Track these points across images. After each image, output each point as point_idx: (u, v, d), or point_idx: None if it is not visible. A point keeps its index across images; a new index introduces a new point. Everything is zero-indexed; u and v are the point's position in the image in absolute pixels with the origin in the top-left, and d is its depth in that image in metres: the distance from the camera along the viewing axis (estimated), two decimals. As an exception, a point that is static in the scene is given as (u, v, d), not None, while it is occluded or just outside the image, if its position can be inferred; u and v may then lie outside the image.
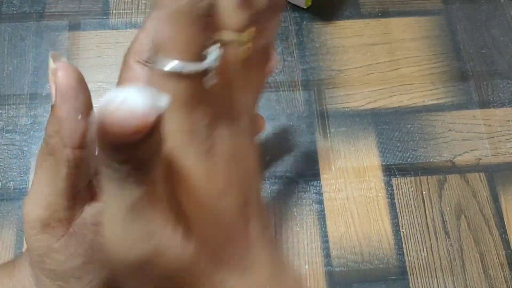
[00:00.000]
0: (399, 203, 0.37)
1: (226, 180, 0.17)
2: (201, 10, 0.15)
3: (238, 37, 0.17)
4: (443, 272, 0.35)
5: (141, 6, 0.42)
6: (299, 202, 0.36)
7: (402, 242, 0.36)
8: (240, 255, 0.18)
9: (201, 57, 0.16)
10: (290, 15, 0.43)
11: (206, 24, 0.16)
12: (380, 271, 0.35)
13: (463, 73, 0.41)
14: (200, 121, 0.16)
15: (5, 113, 0.38)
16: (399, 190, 0.37)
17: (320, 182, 0.37)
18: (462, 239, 0.36)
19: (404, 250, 0.35)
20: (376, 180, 0.37)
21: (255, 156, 0.20)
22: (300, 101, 0.40)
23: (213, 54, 0.16)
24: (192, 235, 0.16)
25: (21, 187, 0.36)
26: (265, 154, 0.38)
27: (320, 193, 0.37)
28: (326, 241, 0.35)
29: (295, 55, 0.41)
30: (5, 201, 0.35)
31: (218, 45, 0.16)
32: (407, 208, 0.37)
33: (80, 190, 0.20)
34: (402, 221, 0.36)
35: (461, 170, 0.38)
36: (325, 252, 0.35)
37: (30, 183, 0.23)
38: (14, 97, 0.39)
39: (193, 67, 0.16)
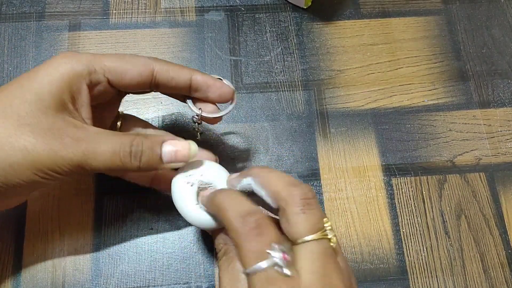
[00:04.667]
0: (399, 203, 0.37)
1: None
2: None
3: None
4: (443, 272, 0.35)
5: (141, 6, 0.42)
6: (299, 202, 0.36)
7: (402, 242, 0.36)
8: None
9: None
10: (290, 15, 0.43)
11: None
12: (380, 271, 0.35)
13: (463, 73, 0.41)
14: None
15: (5, 113, 0.38)
16: (399, 190, 0.37)
17: (320, 182, 0.37)
18: (462, 239, 0.36)
19: (404, 250, 0.35)
20: (376, 180, 0.37)
21: None
22: (300, 101, 0.40)
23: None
24: None
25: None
26: (266, 154, 0.38)
27: (320, 193, 0.37)
28: (326, 241, 0.35)
29: (295, 55, 0.41)
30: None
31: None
32: (407, 208, 0.37)
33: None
34: (402, 221, 0.36)
35: (461, 170, 0.38)
36: (325, 252, 0.35)
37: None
38: (14, 97, 0.38)
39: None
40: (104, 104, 0.30)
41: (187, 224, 0.35)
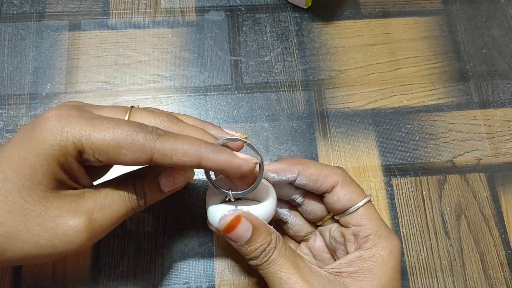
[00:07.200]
0: (399, 203, 0.37)
1: None
2: None
3: None
4: (443, 272, 0.35)
5: (141, 6, 0.42)
6: (299, 202, 0.36)
7: (402, 242, 0.36)
8: None
9: None
10: (290, 15, 0.43)
11: None
12: (380, 271, 0.35)
13: (463, 73, 0.41)
14: None
15: (5, 113, 0.38)
16: (399, 190, 0.37)
17: (320, 182, 0.37)
18: (462, 239, 0.36)
19: (404, 250, 0.35)
20: (376, 180, 0.37)
21: None
22: (300, 101, 0.40)
23: None
24: None
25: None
26: (266, 154, 0.38)
27: (320, 193, 0.37)
28: (326, 241, 0.35)
29: (295, 55, 0.41)
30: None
31: None
32: (407, 208, 0.37)
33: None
34: (402, 221, 0.36)
35: (461, 170, 0.38)
36: (325, 252, 0.35)
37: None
38: (14, 97, 0.39)
39: None
40: None
41: (186, 224, 0.35)
